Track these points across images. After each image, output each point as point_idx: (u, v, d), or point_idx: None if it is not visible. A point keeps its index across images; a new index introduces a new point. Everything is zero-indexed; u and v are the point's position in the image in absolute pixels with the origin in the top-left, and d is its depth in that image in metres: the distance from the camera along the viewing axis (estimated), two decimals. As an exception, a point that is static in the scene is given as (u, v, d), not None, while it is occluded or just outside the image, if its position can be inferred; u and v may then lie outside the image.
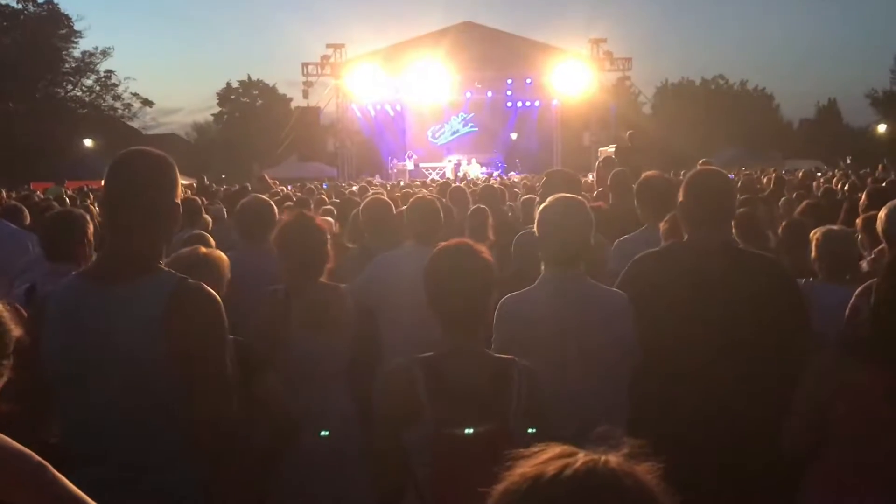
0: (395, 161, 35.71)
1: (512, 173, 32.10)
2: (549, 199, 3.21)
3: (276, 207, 4.94)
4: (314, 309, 3.42)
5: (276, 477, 3.16)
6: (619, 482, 0.98)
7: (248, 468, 2.63)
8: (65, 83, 51.61)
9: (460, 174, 30.27)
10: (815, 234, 4.29)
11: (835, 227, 4.36)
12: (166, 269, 2.29)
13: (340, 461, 3.34)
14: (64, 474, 2.15)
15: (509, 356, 2.44)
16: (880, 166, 19.49)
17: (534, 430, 2.24)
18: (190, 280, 2.25)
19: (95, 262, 2.36)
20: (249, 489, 2.29)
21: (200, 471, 2.21)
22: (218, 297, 2.25)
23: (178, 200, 2.33)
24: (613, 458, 1.02)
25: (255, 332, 3.32)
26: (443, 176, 30.94)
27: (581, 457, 1.01)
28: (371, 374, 3.63)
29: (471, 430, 2.21)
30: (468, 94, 37.09)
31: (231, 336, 2.93)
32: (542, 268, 3.15)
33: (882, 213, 4.06)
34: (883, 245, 4.30)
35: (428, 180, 26.21)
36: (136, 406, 2.15)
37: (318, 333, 3.39)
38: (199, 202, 7.99)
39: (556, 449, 1.04)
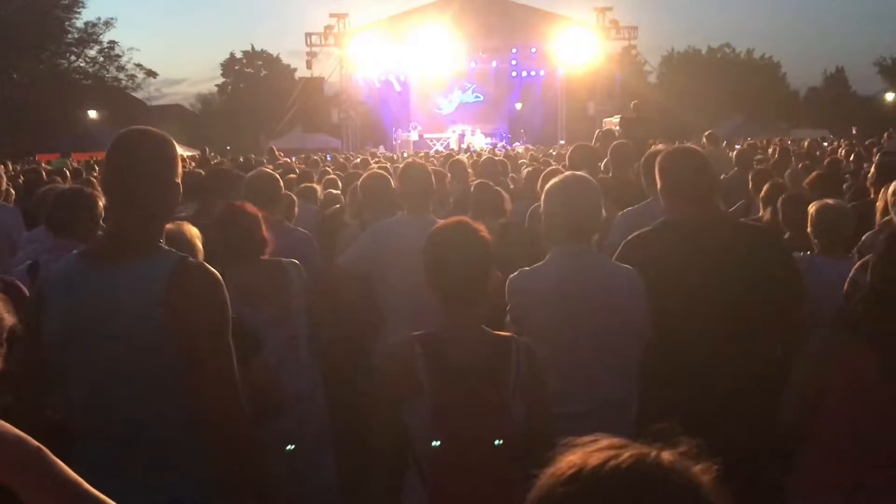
0: (399, 132, 35.60)
1: (516, 143, 31.98)
2: (555, 177, 3.20)
3: (280, 181, 4.93)
4: (253, 285, 3.48)
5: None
6: (665, 479, 0.95)
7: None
8: (68, 54, 51.48)
9: (465, 145, 30.15)
10: (811, 208, 4.29)
11: (830, 201, 4.35)
12: (167, 247, 2.30)
13: (304, 429, 3.47)
14: (67, 449, 2.19)
15: (508, 333, 2.46)
16: (885, 135, 19.29)
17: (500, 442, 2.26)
18: (191, 258, 2.27)
19: (97, 241, 2.38)
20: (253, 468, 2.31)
21: (206, 447, 2.23)
22: (219, 276, 2.26)
23: (179, 180, 2.34)
24: (666, 455, 0.98)
25: None
26: (447, 146, 30.85)
27: (630, 450, 0.99)
28: (333, 345, 3.71)
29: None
30: (473, 64, 36.86)
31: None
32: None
33: (892, 188, 4.04)
34: (889, 217, 4.28)
35: (432, 151, 26.15)
36: (138, 383, 2.18)
37: (260, 309, 3.45)
38: (201, 175, 7.95)
39: (608, 440, 1.02)
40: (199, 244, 3.08)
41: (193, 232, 3.09)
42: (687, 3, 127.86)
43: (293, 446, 3.19)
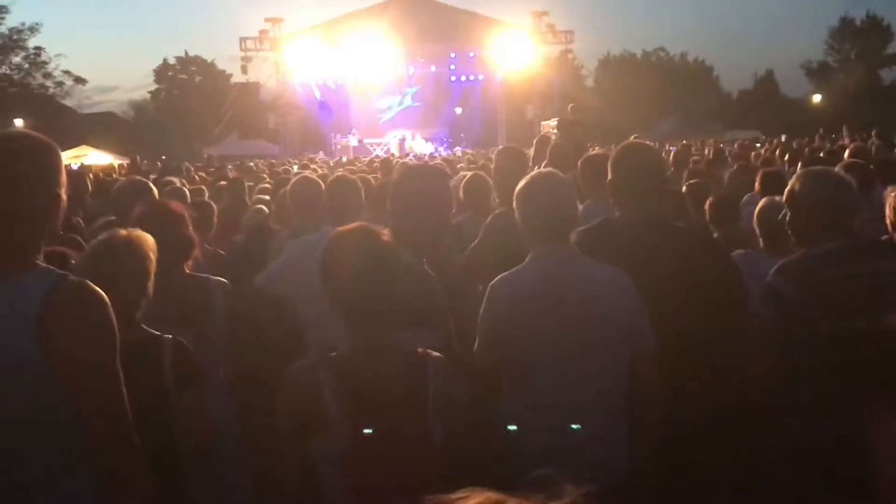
0: (338, 137, 35.22)
1: (457, 148, 31.95)
2: (528, 176, 3.03)
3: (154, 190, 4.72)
4: (171, 302, 3.08)
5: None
6: None
7: (170, 475, 2.45)
8: (-9, 61, 49.73)
9: (407, 150, 29.98)
10: (758, 206, 4.40)
11: (775, 198, 4.39)
12: (44, 265, 2.04)
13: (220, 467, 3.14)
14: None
15: (421, 350, 2.24)
16: (817, 136, 19.84)
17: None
18: (72, 277, 2.01)
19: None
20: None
21: (93, 487, 2.00)
22: (104, 295, 2.01)
23: (61, 191, 2.08)
24: None
25: None
26: (387, 152, 30.64)
27: None
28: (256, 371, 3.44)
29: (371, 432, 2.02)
30: (411, 69, 36.75)
31: (170, 337, 2.71)
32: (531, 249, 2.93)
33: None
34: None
35: (373, 156, 25.87)
36: (9, 418, 1.93)
37: (179, 329, 2.96)
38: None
39: (481, 495, 0.92)
40: (153, 255, 2.72)
41: (150, 242, 2.72)
42: (622, 8, 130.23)
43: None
